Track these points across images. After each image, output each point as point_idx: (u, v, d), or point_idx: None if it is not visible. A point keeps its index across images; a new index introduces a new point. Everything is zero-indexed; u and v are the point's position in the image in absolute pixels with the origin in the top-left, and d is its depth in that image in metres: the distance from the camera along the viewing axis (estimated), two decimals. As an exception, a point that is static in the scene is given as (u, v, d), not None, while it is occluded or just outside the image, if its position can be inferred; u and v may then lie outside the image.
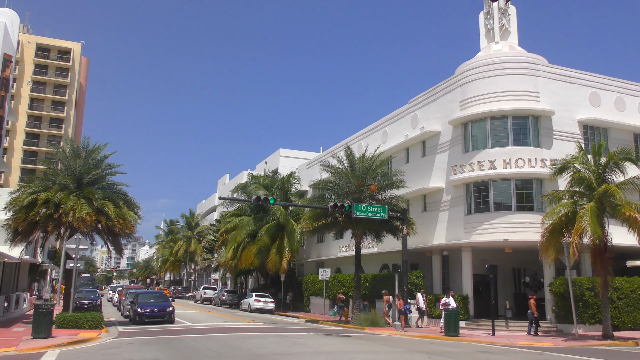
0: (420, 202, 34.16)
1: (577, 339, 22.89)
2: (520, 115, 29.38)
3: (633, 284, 27.48)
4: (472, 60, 32.25)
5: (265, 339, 20.84)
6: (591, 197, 23.26)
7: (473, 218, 29.64)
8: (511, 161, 28.69)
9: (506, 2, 32.81)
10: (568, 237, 23.15)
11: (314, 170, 46.55)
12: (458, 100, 31.51)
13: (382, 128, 39.28)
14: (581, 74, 31.55)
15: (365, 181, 30.11)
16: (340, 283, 37.66)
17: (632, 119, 31.74)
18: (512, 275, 33.31)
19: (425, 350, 18.59)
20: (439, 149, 32.79)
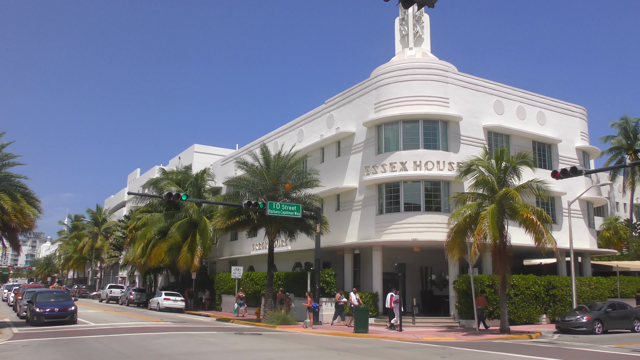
0: (334, 201, 34.66)
1: (477, 334, 24.14)
2: (431, 119, 30.54)
3: (528, 281, 29.40)
4: (387, 65, 33.15)
5: (173, 338, 20.32)
6: (493, 200, 24.59)
7: (384, 218, 30.46)
8: (421, 163, 29.76)
9: (418, 9, 33.97)
10: (472, 237, 24.37)
11: (229, 167, 45.99)
12: (373, 102, 32.25)
13: (298, 127, 39.47)
14: (487, 82, 33.29)
15: (280, 179, 30.13)
16: (252, 281, 37.44)
17: (532, 127, 33.90)
18: (419, 274, 34.60)
19: (335, 347, 18.88)
20: (353, 150, 33.41)
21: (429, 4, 7.59)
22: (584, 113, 37.65)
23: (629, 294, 33.93)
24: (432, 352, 17.81)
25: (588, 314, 25.34)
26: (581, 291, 31.20)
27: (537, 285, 29.54)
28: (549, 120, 34.99)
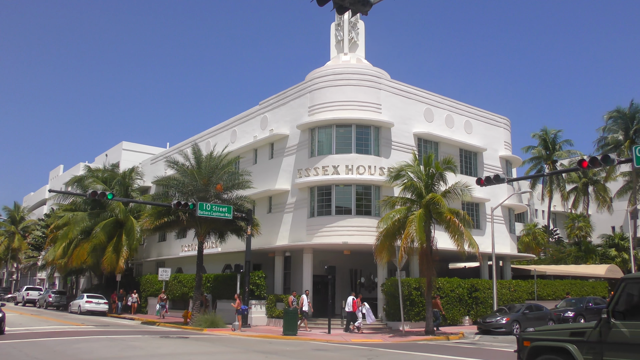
0: (266, 203, 34.51)
1: (403, 335, 24.69)
2: (363, 124, 31.03)
3: (453, 284, 30.42)
4: (322, 69, 33.41)
5: (95, 342, 19.54)
6: (420, 204, 25.27)
7: (316, 221, 30.62)
8: (353, 168, 30.16)
9: (352, 15, 34.47)
10: (400, 241, 24.93)
11: (159, 166, 44.85)
12: (307, 105, 32.40)
13: (231, 127, 39.04)
14: (418, 90, 34.21)
15: (212, 180, 29.66)
16: (181, 283, 36.65)
17: (459, 136, 35.13)
18: (349, 276, 34.99)
19: (263, 349, 18.78)
20: (286, 152, 33.41)
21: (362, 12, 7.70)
22: (507, 123, 39.45)
23: (545, 297, 35.76)
24: (360, 353, 18.04)
25: (507, 315, 26.49)
26: (502, 294, 32.59)
27: (461, 288, 30.60)
28: (475, 129, 36.39)
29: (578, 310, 29.60)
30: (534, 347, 9.70)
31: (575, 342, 9.08)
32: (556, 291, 37.18)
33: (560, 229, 63.94)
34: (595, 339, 8.84)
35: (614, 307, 8.83)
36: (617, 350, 8.51)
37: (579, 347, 8.96)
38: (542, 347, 9.58)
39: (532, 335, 10.21)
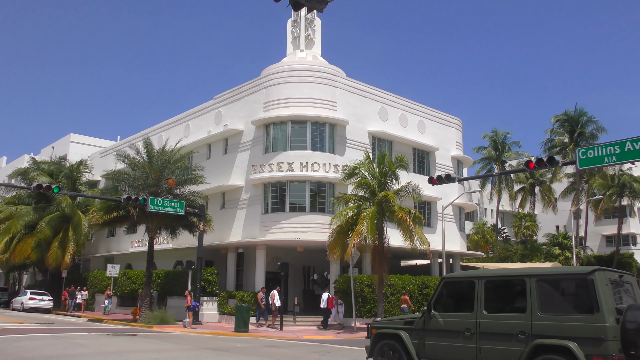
0: (220, 199, 34.15)
1: (355, 332, 24.92)
2: (319, 122, 31.10)
3: (404, 280, 30.84)
4: (278, 65, 33.28)
5: (38, 340, 18.88)
6: (373, 202, 25.53)
7: (269, 217, 30.52)
8: (308, 164, 30.19)
9: (308, 12, 34.44)
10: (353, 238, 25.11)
11: (109, 159, 43.71)
12: (262, 101, 32.22)
13: (185, 122, 38.43)
14: (374, 89, 34.53)
15: (164, 175, 29.13)
16: (130, 280, 35.87)
17: (413, 135, 35.67)
18: (302, 273, 35.06)
19: (214, 346, 18.59)
20: (241, 148, 33.14)
21: (318, 9, 7.69)
22: (459, 124, 40.32)
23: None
24: (311, 350, 18.10)
25: (456, 311, 27.04)
26: (451, 290, 33.26)
27: (411, 285, 31.05)
28: (428, 129, 37.02)
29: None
30: (378, 334, 11.80)
31: (406, 329, 11.24)
32: (503, 288, 38.21)
33: (508, 228, 65.84)
34: (420, 326, 10.99)
35: (434, 301, 11.00)
36: (434, 335, 10.69)
37: (409, 333, 11.13)
38: (383, 333, 11.68)
39: (377, 324, 12.33)
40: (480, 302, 10.24)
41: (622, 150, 15.86)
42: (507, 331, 9.65)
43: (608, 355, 8.50)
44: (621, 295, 9.57)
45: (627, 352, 8.68)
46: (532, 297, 9.59)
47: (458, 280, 11.42)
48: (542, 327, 9.27)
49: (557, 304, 9.58)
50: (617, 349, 8.60)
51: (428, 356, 10.71)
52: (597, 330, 8.68)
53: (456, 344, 10.26)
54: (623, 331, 8.76)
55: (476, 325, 10.06)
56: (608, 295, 8.98)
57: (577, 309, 9.20)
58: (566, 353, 8.82)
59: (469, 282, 10.77)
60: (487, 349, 9.81)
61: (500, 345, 9.68)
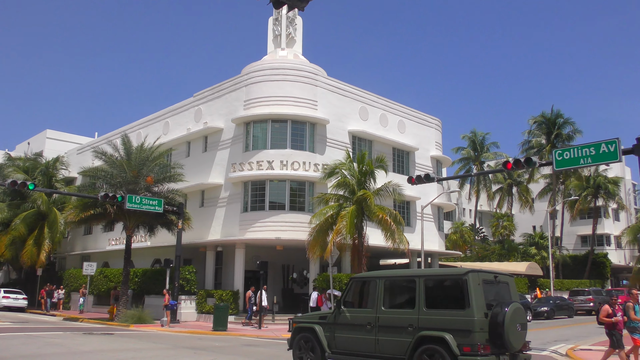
0: (199, 197, 33.93)
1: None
2: (299, 120, 31.07)
3: (383, 280, 30.98)
4: (259, 63, 33.17)
5: (12, 340, 18.55)
6: (353, 201, 25.62)
7: (249, 215, 30.41)
8: (288, 163, 30.15)
9: (289, 10, 34.32)
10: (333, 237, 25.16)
11: (86, 156, 43.15)
12: (243, 99, 32.08)
13: (164, 119, 38.08)
14: (354, 89, 34.61)
15: (142, 172, 28.84)
16: (107, 278, 35.42)
17: (393, 135, 35.83)
18: (281, 272, 35.03)
19: (192, 345, 18.47)
20: (220, 146, 32.96)
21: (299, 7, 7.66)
22: (439, 124, 40.62)
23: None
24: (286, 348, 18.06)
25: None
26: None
27: (390, 284, 31.22)
28: (408, 129, 37.23)
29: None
30: (297, 327, 13.14)
31: (320, 323, 12.50)
32: (480, 287, 38.62)
33: (485, 228, 66.57)
34: (332, 321, 12.25)
35: (344, 298, 12.40)
36: (343, 329, 11.94)
37: (322, 327, 12.36)
38: (301, 327, 12.95)
39: (297, 319, 13.82)
40: (379, 300, 11.53)
41: (597, 152, 16.13)
42: (399, 324, 10.94)
43: (475, 344, 9.84)
44: (496, 294, 10.92)
45: (493, 342, 10.08)
46: (420, 295, 10.88)
47: (363, 280, 12.52)
48: (426, 321, 10.56)
49: (439, 301, 10.82)
50: (483, 340, 9.96)
51: (337, 347, 11.97)
52: (467, 323, 10.00)
53: (359, 336, 11.51)
54: (491, 325, 10.12)
55: (376, 320, 11.34)
56: (479, 294, 10.25)
57: (453, 305, 10.45)
58: (443, 343, 10.09)
59: (371, 282, 12.03)
60: (383, 340, 11.06)
61: (393, 337, 10.94)
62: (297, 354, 12.78)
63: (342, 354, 11.84)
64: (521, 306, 10.73)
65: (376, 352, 11.16)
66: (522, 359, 10.79)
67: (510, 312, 10.14)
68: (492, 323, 10.15)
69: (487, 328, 10.10)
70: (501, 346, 10.13)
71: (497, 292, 11.10)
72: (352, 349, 11.65)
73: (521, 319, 10.57)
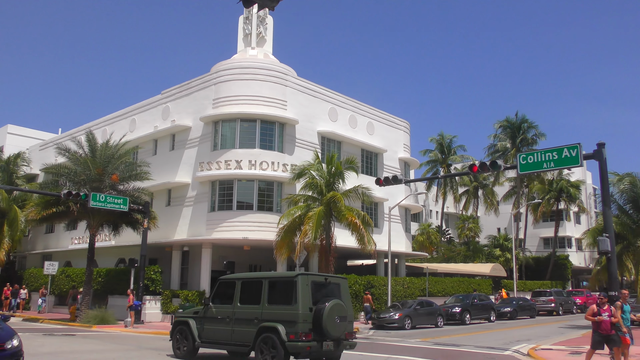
0: (165, 196, 33.49)
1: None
2: (268, 120, 30.96)
3: (350, 280, 31.07)
4: (229, 61, 32.92)
5: (-33, 341, 17.92)
6: (322, 202, 25.64)
7: (216, 215, 30.14)
8: (256, 163, 30.00)
9: (259, 9, 34.17)
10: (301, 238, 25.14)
11: (49, 153, 42.14)
12: (211, 98, 31.79)
13: (131, 116, 37.47)
14: (324, 89, 34.67)
15: (107, 170, 28.29)
16: (69, 278, 34.65)
17: (362, 136, 36.03)
18: (248, 272, 34.79)
19: (156, 346, 18.18)
20: (188, 144, 32.59)
21: (269, 7, 7.61)
22: (407, 127, 41.00)
23: (436, 293, 37.59)
24: (255, 349, 17.94)
25: (400, 311, 27.48)
26: (396, 290, 33.81)
27: (357, 285, 31.36)
28: (377, 130, 37.47)
29: (464, 305, 31.34)
30: (176, 321, 15.37)
31: (194, 317, 14.64)
32: (446, 288, 39.20)
33: (452, 229, 67.47)
34: (202, 315, 14.34)
35: (212, 296, 14.58)
36: (210, 322, 14.08)
37: (195, 320, 14.50)
38: (179, 321, 15.13)
39: (178, 314, 16.63)
40: (237, 297, 13.78)
41: (559, 157, 16.52)
42: (248, 317, 13.20)
43: (298, 332, 12.19)
44: (327, 293, 13.21)
45: (315, 331, 12.42)
46: (264, 293, 13.21)
47: (227, 281, 14.60)
48: (267, 314, 12.88)
49: (277, 298, 13.08)
50: (307, 329, 12.32)
51: (205, 337, 14.15)
52: (293, 316, 12.35)
53: (221, 328, 13.70)
54: (314, 317, 12.44)
55: (233, 314, 13.63)
56: (306, 293, 12.59)
57: (286, 302, 12.73)
58: (276, 332, 12.36)
59: (232, 282, 14.24)
60: (237, 331, 13.27)
61: (244, 328, 13.14)
62: (175, 344, 14.95)
63: (208, 342, 14.08)
64: (341, 302, 13.03)
65: (232, 341, 13.42)
66: (346, 345, 13.29)
67: (329, 307, 12.44)
68: (315, 316, 12.45)
69: (311, 320, 12.41)
70: (322, 334, 12.42)
71: (328, 291, 13.37)
72: (216, 338, 13.89)
73: (340, 312, 12.79)
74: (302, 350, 12.26)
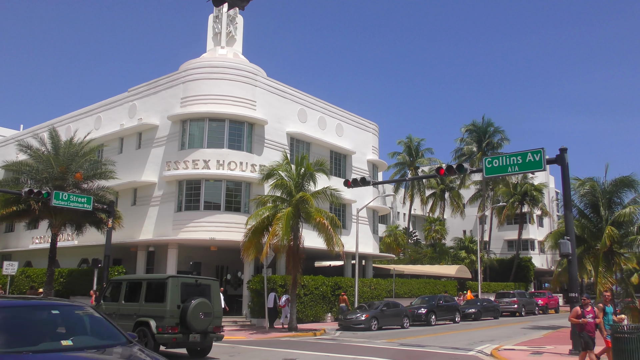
0: (131, 195, 32.93)
1: (267, 332, 24.83)
2: (237, 120, 30.75)
3: (317, 281, 31.16)
4: (198, 60, 32.59)
5: None
6: (290, 203, 25.58)
7: (183, 215, 29.79)
8: (224, 163, 29.75)
9: (229, 8, 33.91)
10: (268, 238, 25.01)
11: (9, 149, 40.99)
12: (180, 96, 31.41)
13: (96, 113, 36.72)
14: (293, 90, 34.61)
15: (71, 168, 27.66)
16: (29, 278, 33.77)
17: (331, 138, 36.10)
18: (215, 273, 34.50)
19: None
20: (155, 143, 32.13)
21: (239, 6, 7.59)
22: (376, 129, 41.27)
23: (402, 294, 37.93)
24: (221, 351, 17.81)
25: (366, 312, 27.65)
26: (363, 291, 33.98)
27: (325, 286, 31.43)
28: (346, 132, 37.61)
29: (430, 307, 31.73)
30: None
31: None
32: (412, 289, 39.59)
33: (418, 231, 68.18)
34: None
35: (104, 294, 16.91)
36: None
37: None
38: None
39: None
40: (122, 296, 16.04)
41: (524, 161, 16.87)
42: (129, 313, 15.36)
43: (165, 326, 14.61)
44: (198, 293, 15.44)
45: (182, 325, 14.77)
46: (142, 292, 15.53)
47: (116, 282, 16.95)
48: (143, 311, 15.14)
49: (152, 296, 15.33)
50: (173, 323, 14.69)
51: None
52: (162, 312, 14.75)
53: None
54: (181, 313, 14.72)
55: (118, 310, 15.80)
56: (175, 292, 14.94)
57: (158, 300, 15.05)
58: (148, 325, 14.74)
59: (120, 283, 16.53)
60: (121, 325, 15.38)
61: (126, 322, 14.77)
62: None
63: None
64: (206, 301, 15.15)
65: None
66: (213, 337, 15.57)
67: (193, 305, 14.70)
68: (182, 312, 14.72)
69: (179, 316, 14.70)
70: (187, 328, 14.72)
71: (198, 291, 15.56)
72: None
73: (205, 309, 14.96)
74: (169, 341, 14.69)
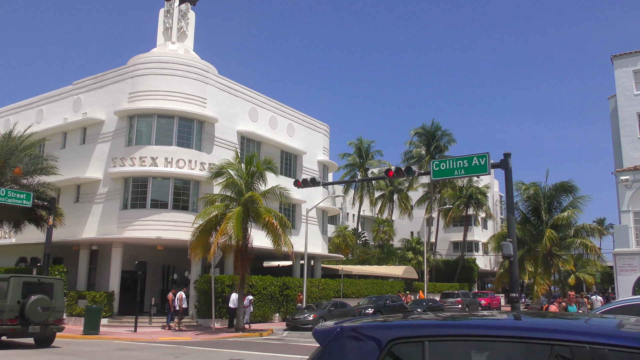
0: (74, 192, 31.85)
1: (214, 332, 24.54)
2: (187, 117, 30.24)
3: (266, 281, 31.02)
4: (147, 55, 31.87)
5: None
6: (239, 202, 25.36)
7: (128, 213, 29.05)
8: (173, 160, 29.21)
9: (180, 3, 33.24)
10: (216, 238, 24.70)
11: (-56, 142, 38.87)
12: (127, 91, 30.62)
13: (38, 106, 35.34)
14: (245, 89, 34.34)
15: (9, 162, 26.53)
16: (-38, 278, 32.13)
17: (282, 138, 36.02)
18: (161, 272, 33.81)
19: (58, 350, 17.25)
20: (101, 139, 31.20)
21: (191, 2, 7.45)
22: (327, 130, 41.45)
23: (350, 294, 38.20)
24: (166, 352, 17.50)
25: (314, 312, 27.73)
26: (311, 292, 34.05)
27: (273, 286, 31.33)
28: (297, 132, 37.61)
29: (377, 307, 32.06)
30: None
31: None
32: (360, 289, 39.95)
33: (367, 232, 68.91)
34: None
35: None
36: None
37: None
38: None
39: None
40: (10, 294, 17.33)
41: (469, 165, 17.30)
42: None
43: (4, 319, 16.69)
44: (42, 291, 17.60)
45: (22, 317, 16.95)
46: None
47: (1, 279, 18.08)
48: None
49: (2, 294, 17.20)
50: (13, 316, 16.84)
51: None
52: (3, 307, 16.78)
53: None
54: (21, 308, 16.96)
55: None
56: (15, 290, 17.18)
57: (1, 296, 17.01)
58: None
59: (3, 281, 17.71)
60: None
61: None
62: None
63: None
64: (46, 297, 17.41)
65: None
66: (53, 329, 17.84)
67: (31, 301, 16.99)
68: (21, 307, 16.94)
69: (18, 310, 16.91)
70: (26, 320, 16.88)
71: (41, 289, 17.69)
72: None
73: (44, 304, 17.23)
74: (8, 331, 16.88)
